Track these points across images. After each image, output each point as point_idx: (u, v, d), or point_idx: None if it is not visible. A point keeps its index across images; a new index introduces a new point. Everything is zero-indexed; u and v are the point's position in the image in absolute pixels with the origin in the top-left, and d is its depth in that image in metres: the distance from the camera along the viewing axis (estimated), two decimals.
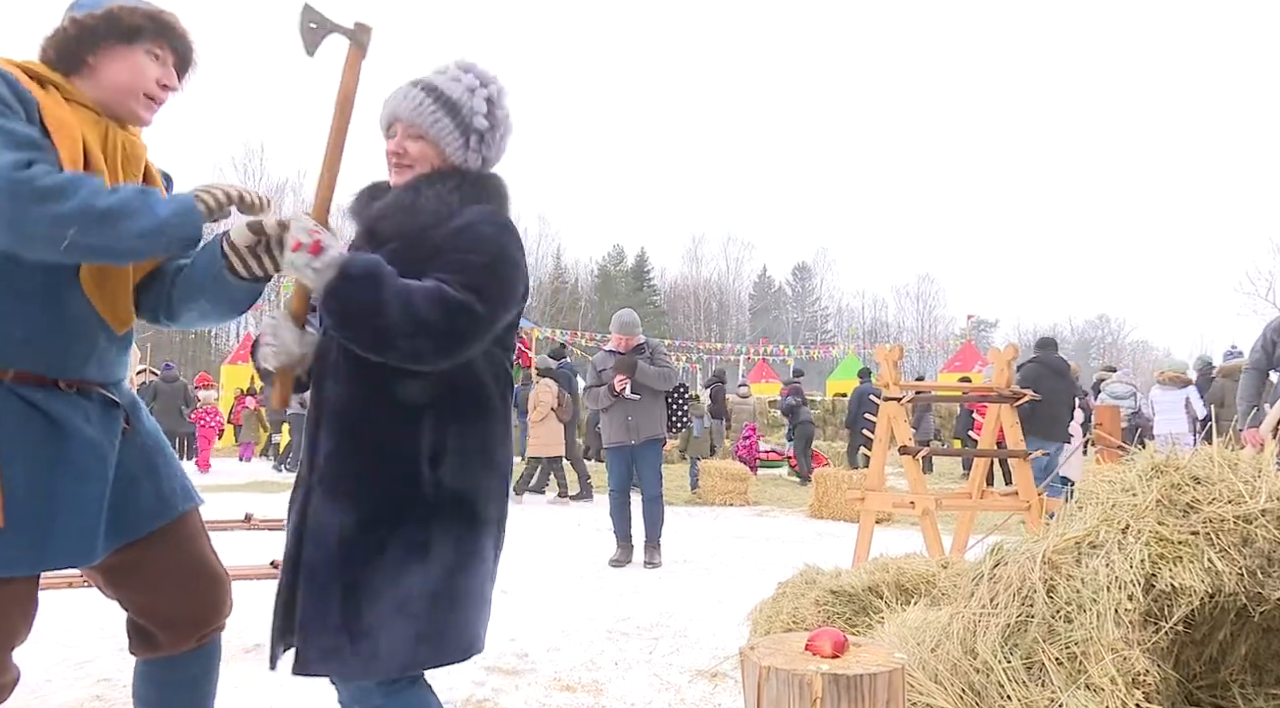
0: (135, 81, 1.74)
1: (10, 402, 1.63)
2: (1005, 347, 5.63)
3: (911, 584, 3.23)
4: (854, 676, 1.47)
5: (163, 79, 1.78)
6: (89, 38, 1.71)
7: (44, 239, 1.52)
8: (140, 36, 1.74)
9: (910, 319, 63.83)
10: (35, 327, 1.66)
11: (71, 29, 1.71)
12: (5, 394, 1.63)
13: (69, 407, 1.70)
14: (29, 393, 1.65)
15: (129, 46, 1.73)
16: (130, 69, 1.74)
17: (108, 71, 1.73)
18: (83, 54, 1.72)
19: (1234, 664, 2.08)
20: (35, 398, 1.65)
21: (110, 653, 3.67)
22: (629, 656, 3.83)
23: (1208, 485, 2.05)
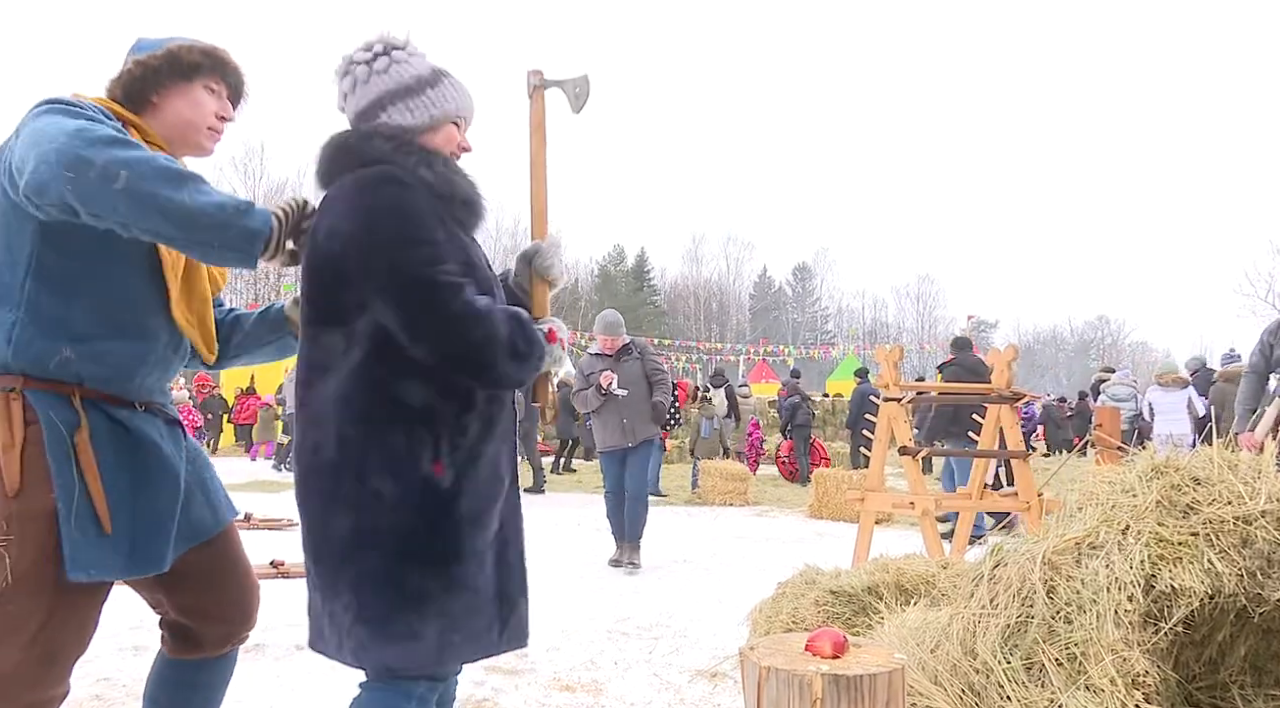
0: (197, 116, 1.85)
1: (100, 421, 1.74)
2: (1005, 347, 5.63)
3: (911, 585, 3.23)
4: (854, 676, 1.47)
5: (220, 111, 1.89)
6: (153, 77, 1.81)
7: (106, 179, 1.52)
8: (199, 73, 1.85)
9: (910, 320, 63.91)
10: (126, 358, 1.78)
11: (136, 70, 1.81)
12: (95, 413, 1.74)
13: (147, 424, 1.83)
14: (112, 411, 1.77)
15: (189, 83, 1.84)
16: (192, 104, 1.85)
17: (172, 108, 1.84)
18: (148, 94, 1.81)
19: (1234, 666, 2.08)
20: (119, 415, 1.78)
21: (110, 653, 3.67)
22: (629, 656, 3.83)
23: (1208, 487, 2.05)
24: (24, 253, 1.67)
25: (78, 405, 1.71)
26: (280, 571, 5.30)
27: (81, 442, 1.69)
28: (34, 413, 1.67)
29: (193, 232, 1.59)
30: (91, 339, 1.72)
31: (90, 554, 1.67)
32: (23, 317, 1.67)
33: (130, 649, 3.75)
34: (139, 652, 3.70)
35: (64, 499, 1.65)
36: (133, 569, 1.75)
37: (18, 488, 1.64)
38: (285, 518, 7.82)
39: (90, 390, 1.74)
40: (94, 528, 1.68)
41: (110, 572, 1.71)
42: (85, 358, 1.72)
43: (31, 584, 1.63)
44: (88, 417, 1.72)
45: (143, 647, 3.75)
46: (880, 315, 64.72)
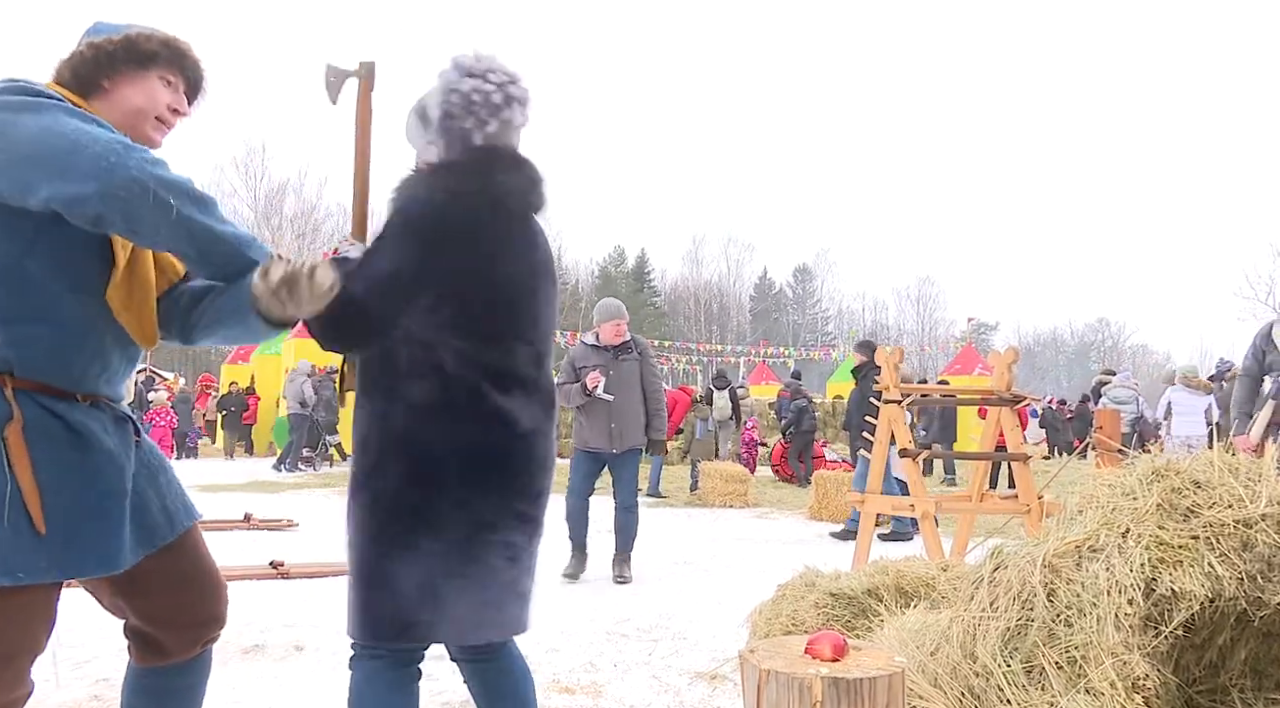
0: (148, 106, 1.81)
1: (35, 412, 1.66)
2: (1006, 349, 5.62)
3: (911, 587, 3.23)
4: (854, 679, 1.47)
5: (174, 104, 1.85)
6: (106, 61, 1.76)
7: (157, 205, 1.57)
8: (155, 62, 1.80)
9: (910, 322, 63.87)
10: (61, 344, 1.71)
11: (89, 53, 1.76)
12: (29, 404, 1.66)
13: (88, 418, 1.74)
14: (51, 404, 1.69)
15: (144, 72, 1.80)
16: (144, 93, 1.80)
17: (122, 95, 1.79)
18: (99, 78, 1.77)
19: (1234, 669, 2.08)
20: (57, 409, 1.69)
21: (109, 654, 3.67)
22: (628, 657, 3.83)
23: (1208, 490, 2.05)
24: None
25: (9, 396, 1.63)
26: (279, 571, 5.30)
27: (13, 435, 1.61)
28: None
29: (209, 254, 1.67)
30: (19, 321, 1.65)
31: (19, 556, 1.60)
32: None
33: None
34: None
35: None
36: (73, 570, 1.67)
37: None
38: (285, 519, 7.82)
39: (23, 380, 1.66)
40: (25, 528, 1.61)
41: (39, 574, 1.63)
42: (13, 342, 1.65)
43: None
44: (21, 408, 1.64)
45: None
46: (880, 317, 64.72)
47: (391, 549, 1.77)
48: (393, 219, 1.79)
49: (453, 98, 1.85)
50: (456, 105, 1.84)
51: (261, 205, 42.74)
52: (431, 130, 1.87)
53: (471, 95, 1.84)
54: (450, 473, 1.78)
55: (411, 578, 1.76)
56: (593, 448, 5.75)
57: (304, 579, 5.36)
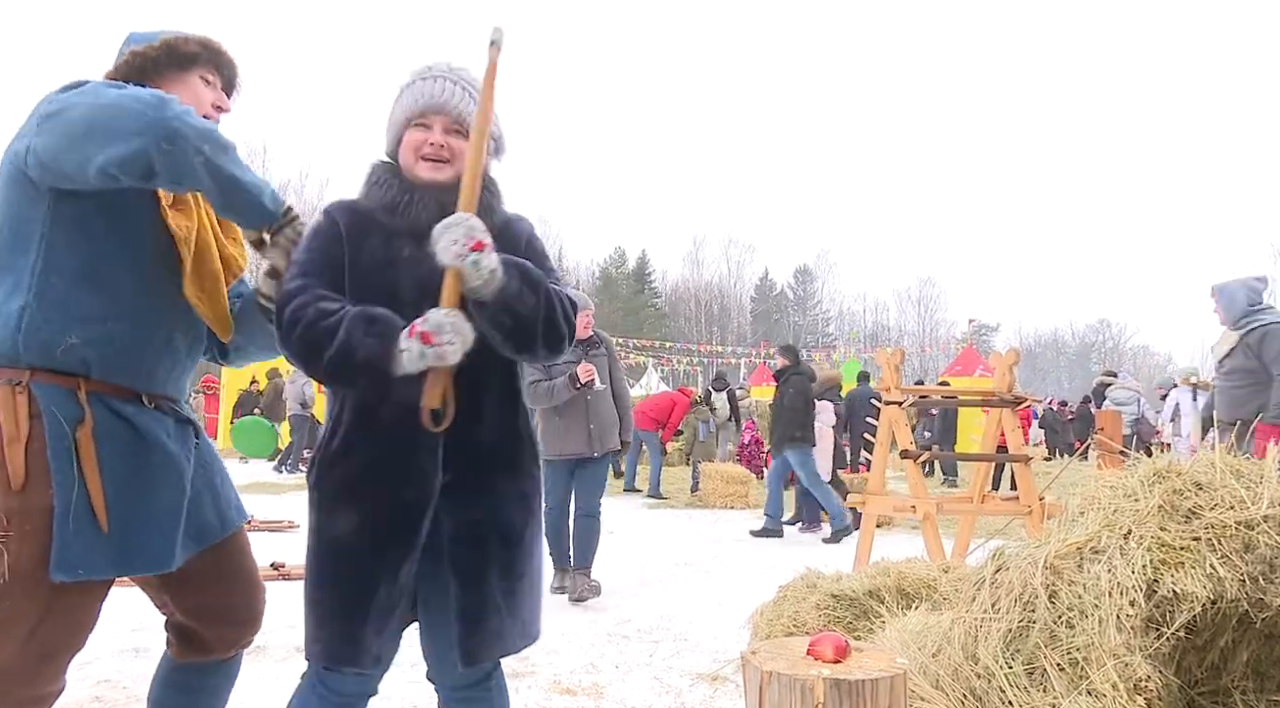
0: (194, 105, 1.85)
1: (103, 414, 1.72)
2: (1007, 351, 5.63)
3: (913, 589, 3.23)
4: (856, 681, 1.47)
5: (216, 101, 1.92)
6: (150, 67, 1.84)
7: (195, 153, 1.63)
8: (195, 63, 1.89)
9: (911, 323, 63.89)
10: (133, 343, 1.77)
11: (134, 60, 1.84)
12: (99, 407, 1.72)
13: (153, 421, 1.81)
14: (118, 406, 1.75)
15: (185, 73, 1.87)
16: (189, 93, 1.87)
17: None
18: (145, 83, 1.82)
19: (1236, 671, 2.08)
20: (125, 411, 1.76)
21: (111, 654, 3.67)
22: (629, 659, 3.83)
23: (1210, 491, 2.05)
24: (34, 237, 1.68)
25: (83, 399, 1.69)
26: (281, 573, 5.29)
27: (84, 437, 1.68)
28: (38, 407, 1.66)
29: (233, 201, 1.74)
30: (99, 321, 1.71)
31: (79, 554, 1.65)
32: (31, 302, 1.67)
33: (131, 651, 3.75)
34: (139, 654, 3.70)
35: (61, 497, 1.64)
36: (126, 569, 1.73)
37: (22, 483, 1.63)
38: (286, 520, 7.81)
39: (96, 383, 1.72)
40: (89, 527, 1.67)
41: (98, 571, 1.68)
42: (93, 342, 1.71)
43: (29, 581, 1.62)
44: (92, 411, 1.70)
45: (143, 649, 3.75)
46: (881, 318, 64.74)
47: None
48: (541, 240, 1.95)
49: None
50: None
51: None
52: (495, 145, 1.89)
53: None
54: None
55: None
56: (569, 454, 5.15)
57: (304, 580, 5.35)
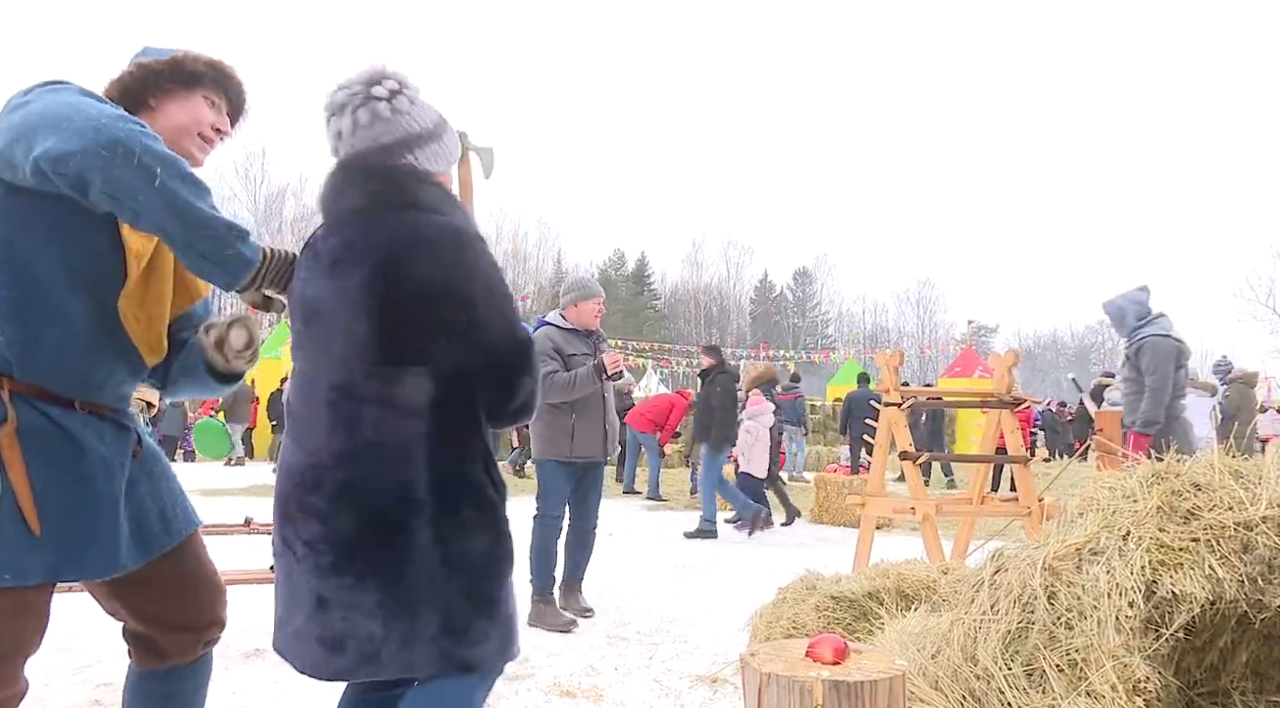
0: (192, 124, 1.85)
1: (30, 416, 1.67)
2: (1006, 352, 5.63)
3: (912, 590, 3.23)
4: (855, 682, 1.47)
5: (217, 123, 1.89)
6: (153, 80, 1.82)
7: (139, 168, 1.56)
8: (200, 83, 1.86)
9: (910, 324, 63.91)
10: (64, 347, 1.72)
11: (138, 72, 1.82)
12: (25, 408, 1.67)
13: (84, 426, 1.75)
14: (45, 408, 1.70)
15: (189, 91, 1.85)
16: (189, 112, 1.85)
17: (167, 113, 1.84)
18: (145, 96, 1.82)
19: (1235, 671, 2.08)
20: (53, 414, 1.71)
21: (110, 658, 3.67)
22: (629, 661, 3.83)
23: (1208, 492, 2.05)
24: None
25: (4, 398, 1.64)
26: None
27: (6, 436, 1.63)
28: None
29: (195, 238, 1.61)
30: (24, 322, 1.66)
31: (8, 558, 1.61)
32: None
33: None
34: None
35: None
36: (62, 574, 1.68)
37: None
38: None
39: (21, 384, 1.67)
40: (16, 530, 1.62)
41: (29, 576, 1.63)
42: (16, 342, 1.66)
43: None
44: (16, 411, 1.65)
45: None
46: (881, 320, 64.77)
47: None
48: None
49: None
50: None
51: (261, 210, 42.82)
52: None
53: None
54: None
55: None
56: (579, 457, 4.57)
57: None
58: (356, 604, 1.66)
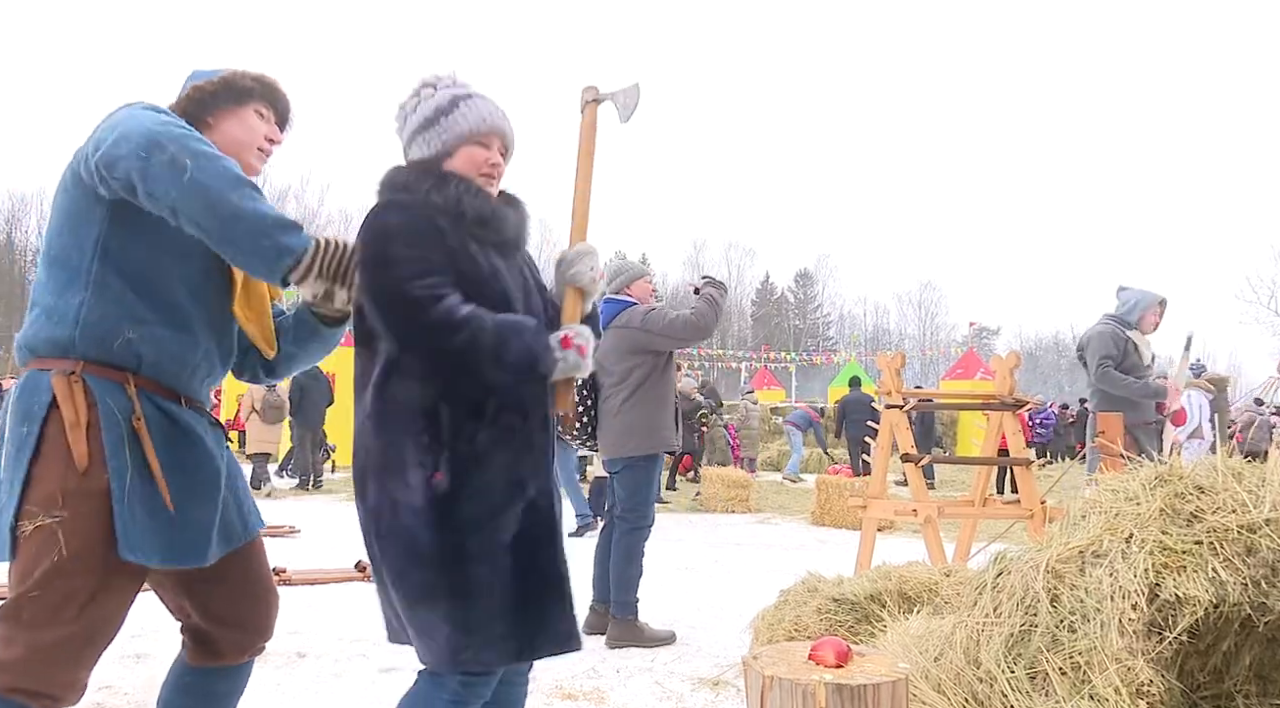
0: (249, 137, 1.97)
1: (149, 407, 1.81)
2: (1007, 354, 5.62)
3: (914, 593, 3.22)
4: (857, 686, 1.47)
5: (269, 134, 2.01)
6: (209, 100, 1.93)
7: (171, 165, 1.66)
8: (250, 97, 1.97)
9: (912, 326, 63.88)
10: (178, 347, 1.85)
11: (195, 94, 1.93)
12: (147, 402, 1.81)
13: (193, 420, 1.90)
14: (161, 402, 1.84)
15: (241, 107, 1.96)
16: (244, 126, 1.97)
17: (225, 129, 1.95)
18: (204, 115, 1.93)
19: (1238, 675, 2.08)
20: (168, 408, 1.85)
21: (112, 660, 3.66)
22: (630, 663, 3.82)
23: (1211, 495, 2.05)
24: (91, 237, 1.77)
25: (131, 393, 1.78)
26: (281, 578, 5.29)
27: (139, 426, 1.77)
28: (93, 396, 1.75)
29: (230, 230, 1.70)
30: (151, 324, 1.80)
31: (139, 537, 1.73)
32: (89, 298, 1.76)
33: (132, 657, 3.74)
34: (141, 659, 3.70)
35: (118, 481, 1.72)
36: (172, 559, 1.80)
37: (86, 465, 1.71)
38: (287, 525, 7.81)
39: (143, 379, 1.81)
40: (144, 512, 1.75)
41: (150, 558, 1.76)
42: (146, 339, 1.79)
43: (83, 561, 1.69)
44: (141, 405, 1.79)
45: (145, 654, 3.74)
46: (882, 322, 64.75)
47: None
48: None
49: None
50: None
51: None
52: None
53: None
54: None
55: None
56: (664, 448, 4.33)
57: (306, 586, 5.36)
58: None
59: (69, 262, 1.77)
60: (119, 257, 1.78)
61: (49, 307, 1.78)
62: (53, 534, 1.68)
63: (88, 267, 1.76)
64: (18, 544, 1.71)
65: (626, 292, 4.60)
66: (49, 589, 1.68)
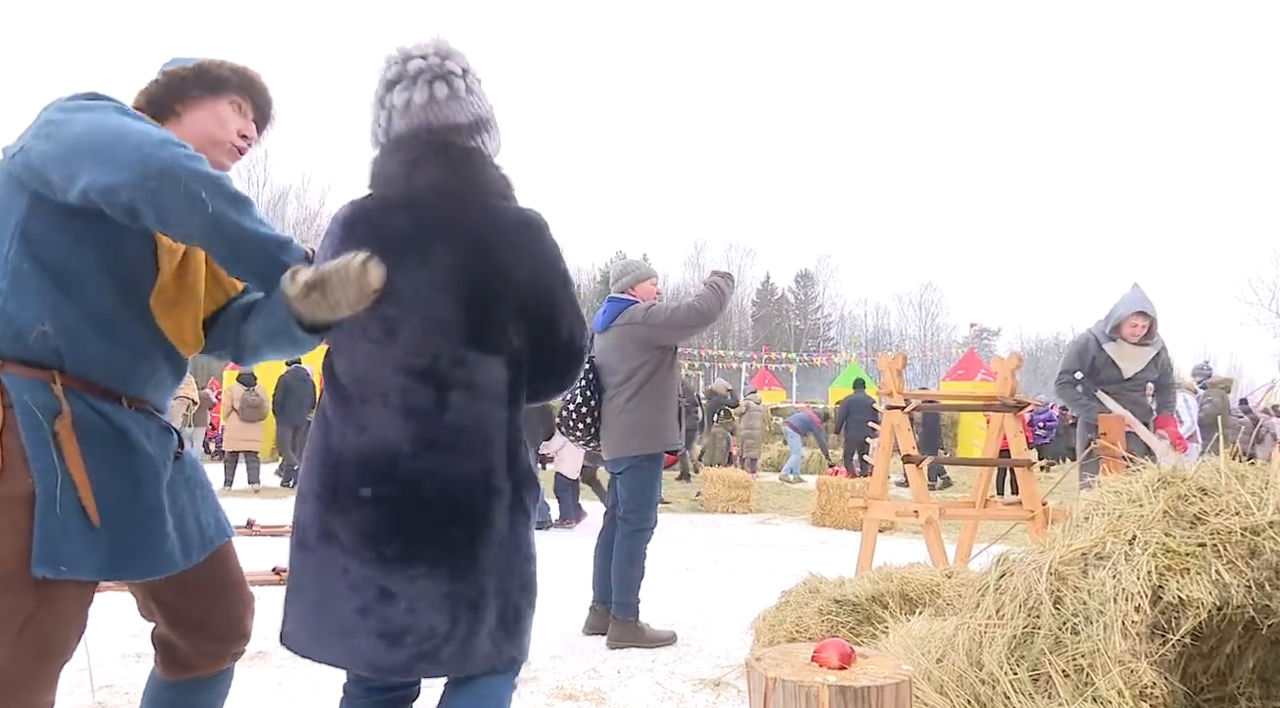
0: (220, 132, 1.87)
1: (81, 409, 1.67)
2: (1009, 355, 5.62)
3: (916, 594, 3.22)
4: (861, 688, 1.46)
5: (243, 130, 1.90)
6: (180, 87, 1.83)
7: (186, 196, 1.57)
8: (225, 88, 1.87)
9: (913, 327, 63.80)
10: (106, 343, 1.71)
11: (163, 79, 1.84)
12: (77, 402, 1.67)
13: (132, 422, 1.76)
14: (95, 402, 1.70)
15: (215, 97, 1.86)
16: (215, 118, 1.86)
17: (194, 119, 1.85)
18: (172, 102, 1.83)
19: (1242, 677, 2.07)
20: (103, 409, 1.71)
21: (112, 660, 3.67)
22: (631, 664, 3.82)
23: (1215, 497, 2.04)
24: (9, 225, 1.64)
25: (58, 392, 1.64)
26: (282, 578, 5.28)
27: (63, 428, 1.62)
28: (10, 397, 1.60)
29: (240, 253, 1.66)
30: (71, 315, 1.66)
31: (66, 548, 1.59)
32: (5, 287, 1.63)
33: (132, 657, 3.75)
34: (141, 659, 3.70)
35: (43, 486, 1.58)
36: (118, 573, 1.67)
37: (1, 469, 1.56)
38: (288, 525, 7.80)
39: (72, 379, 1.67)
40: (76, 523, 1.61)
41: (86, 572, 1.62)
42: (65, 333, 1.66)
43: (14, 576, 1.56)
44: (70, 405, 1.65)
45: (145, 654, 3.74)
46: (883, 323, 64.68)
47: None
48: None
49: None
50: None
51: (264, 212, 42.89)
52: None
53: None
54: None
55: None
56: (669, 447, 4.34)
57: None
58: (425, 595, 1.62)
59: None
60: (38, 246, 1.64)
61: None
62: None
63: (4, 255, 1.63)
64: None
65: (631, 292, 4.62)
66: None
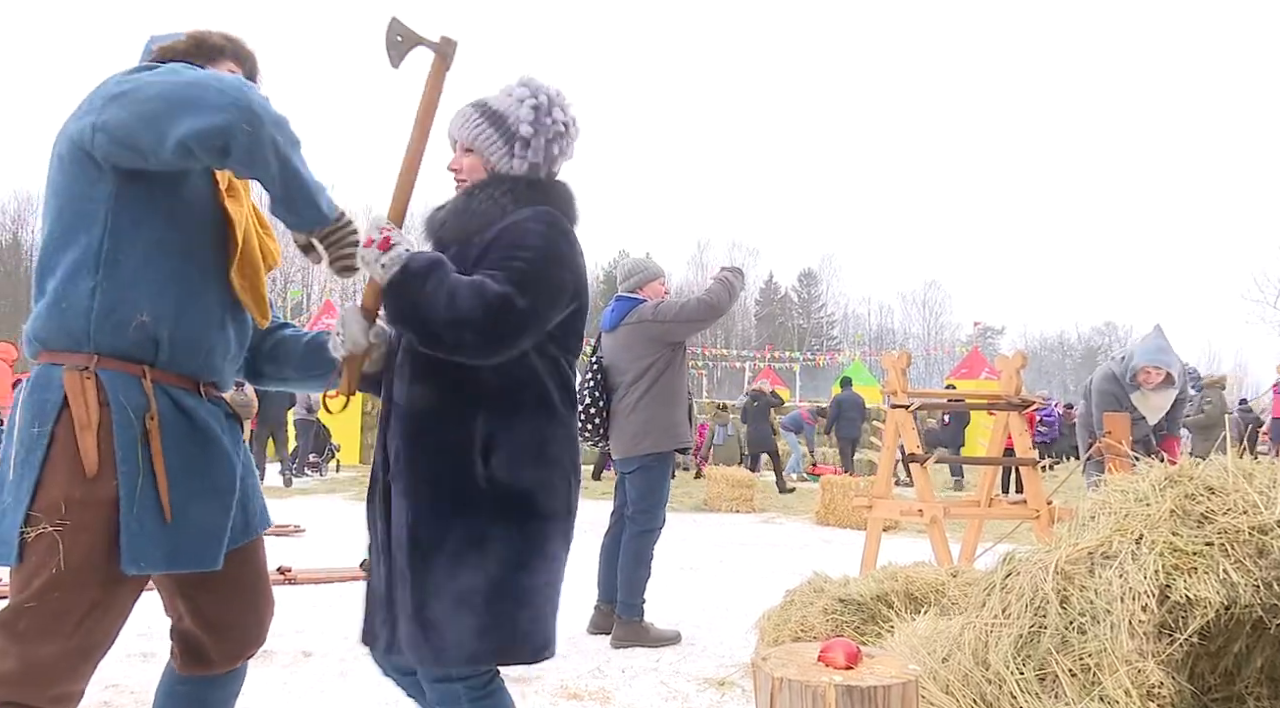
0: None
1: (165, 403, 1.73)
2: (1013, 354, 5.60)
3: (921, 593, 3.21)
4: (867, 687, 1.46)
5: None
6: (180, 58, 1.83)
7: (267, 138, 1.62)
8: (222, 55, 1.91)
9: (916, 326, 63.74)
10: (195, 330, 1.77)
11: (164, 56, 1.84)
12: (163, 398, 1.72)
13: (209, 415, 1.81)
14: (179, 396, 1.76)
15: (214, 65, 1.88)
16: None
17: None
18: None
19: (1249, 677, 2.07)
20: (185, 403, 1.76)
21: (119, 658, 3.67)
22: (636, 663, 3.82)
23: (1222, 496, 2.04)
24: (96, 216, 1.67)
25: (148, 388, 1.70)
26: (287, 577, 5.30)
27: (152, 428, 1.68)
28: (106, 394, 1.65)
29: (293, 196, 1.71)
30: (167, 299, 1.72)
31: (144, 547, 1.65)
32: (102, 281, 1.66)
33: (139, 656, 3.75)
34: (147, 658, 3.70)
35: (126, 488, 1.64)
36: (178, 564, 1.72)
37: (95, 472, 1.62)
38: (292, 525, 7.81)
39: (160, 372, 1.73)
40: (152, 519, 1.67)
41: (155, 565, 1.68)
42: (163, 319, 1.71)
43: (82, 575, 1.62)
44: (156, 402, 1.70)
45: (151, 653, 3.75)
46: (886, 322, 64.64)
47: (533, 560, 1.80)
48: (537, 227, 1.81)
49: (544, 120, 1.92)
50: (549, 127, 1.93)
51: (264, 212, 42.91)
52: (519, 145, 1.91)
53: (563, 126, 1.96)
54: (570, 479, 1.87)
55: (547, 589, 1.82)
56: (679, 445, 4.39)
57: (311, 585, 5.36)
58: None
59: (76, 242, 1.66)
60: (130, 234, 1.67)
61: (58, 293, 1.67)
62: (54, 544, 1.60)
63: (97, 247, 1.66)
64: (23, 549, 1.62)
65: (639, 292, 4.61)
66: (46, 601, 1.60)
